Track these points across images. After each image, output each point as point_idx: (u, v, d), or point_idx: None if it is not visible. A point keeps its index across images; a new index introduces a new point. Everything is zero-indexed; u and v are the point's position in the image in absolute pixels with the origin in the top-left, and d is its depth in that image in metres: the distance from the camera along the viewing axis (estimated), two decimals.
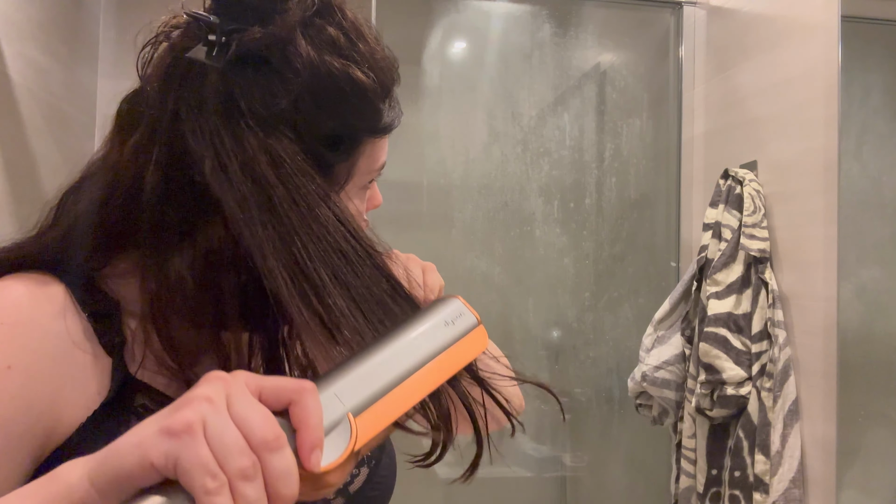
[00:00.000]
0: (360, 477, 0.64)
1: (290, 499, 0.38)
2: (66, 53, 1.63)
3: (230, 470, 0.37)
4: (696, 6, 2.03)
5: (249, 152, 0.52)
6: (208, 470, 0.36)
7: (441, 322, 0.49)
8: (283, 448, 0.38)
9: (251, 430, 0.38)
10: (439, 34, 2.05)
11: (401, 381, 0.45)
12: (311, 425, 0.40)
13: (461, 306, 0.51)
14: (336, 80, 0.55)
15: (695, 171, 2.02)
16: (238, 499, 0.37)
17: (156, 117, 0.54)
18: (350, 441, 0.41)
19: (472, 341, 0.49)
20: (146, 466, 0.37)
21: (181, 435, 0.37)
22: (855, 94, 1.50)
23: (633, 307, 2.07)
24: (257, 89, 0.53)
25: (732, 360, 1.57)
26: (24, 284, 0.55)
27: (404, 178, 2.00)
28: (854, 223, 1.47)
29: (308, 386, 0.41)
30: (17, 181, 1.39)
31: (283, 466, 0.38)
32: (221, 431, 0.38)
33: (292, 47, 0.54)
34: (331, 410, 0.42)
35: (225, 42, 0.53)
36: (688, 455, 1.73)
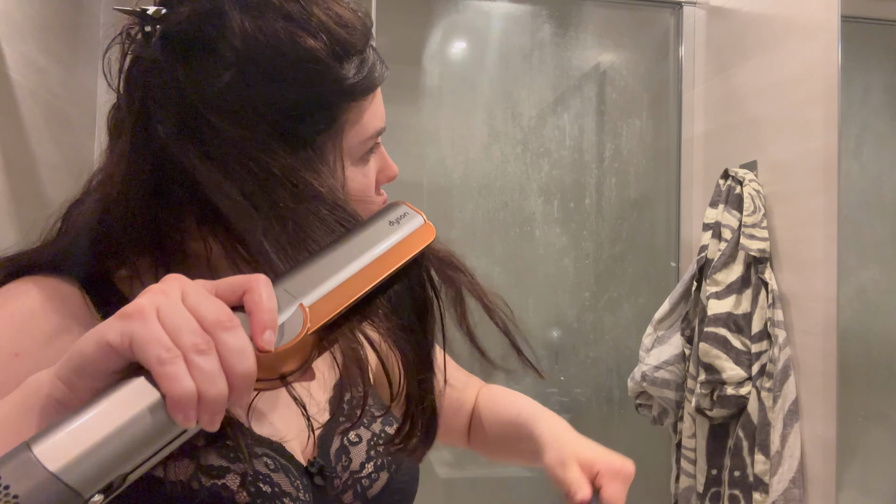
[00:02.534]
0: (380, 482, 0.64)
1: (247, 374, 0.39)
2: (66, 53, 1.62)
3: (184, 345, 0.38)
4: (696, 6, 2.03)
5: (203, 141, 0.52)
6: (162, 343, 0.38)
7: (385, 223, 0.51)
8: (236, 328, 0.39)
9: (204, 316, 0.39)
10: (439, 34, 2.05)
11: (348, 274, 0.47)
12: (262, 308, 0.41)
13: (405, 208, 0.53)
14: (278, 48, 0.52)
15: (695, 171, 2.02)
16: (194, 370, 0.37)
17: (130, 123, 0.54)
18: (303, 326, 0.43)
19: (418, 236, 0.51)
20: (103, 346, 0.38)
21: (135, 315, 0.38)
22: (855, 94, 1.50)
23: (633, 307, 2.07)
24: (199, 72, 0.52)
25: (732, 360, 1.57)
26: (37, 285, 0.55)
27: (404, 178, 1.99)
28: (854, 223, 1.47)
29: (258, 276, 0.42)
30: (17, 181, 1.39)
31: (237, 343, 0.39)
32: (174, 315, 0.39)
33: (224, 19, 0.52)
34: (283, 303, 0.44)
35: (154, 30, 0.52)
36: (688, 455, 1.73)
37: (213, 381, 0.38)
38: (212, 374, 0.38)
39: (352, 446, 0.64)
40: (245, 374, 0.39)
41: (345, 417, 0.65)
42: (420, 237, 0.52)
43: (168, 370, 0.37)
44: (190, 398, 0.37)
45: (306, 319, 0.44)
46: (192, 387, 0.37)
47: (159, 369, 0.37)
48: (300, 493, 0.58)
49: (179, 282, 0.41)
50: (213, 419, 0.38)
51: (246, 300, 0.42)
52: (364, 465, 0.63)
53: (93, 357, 0.38)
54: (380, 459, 0.64)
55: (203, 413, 0.38)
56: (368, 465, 0.63)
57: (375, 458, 0.64)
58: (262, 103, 0.52)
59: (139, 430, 0.37)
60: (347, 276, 0.47)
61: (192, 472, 0.53)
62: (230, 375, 0.38)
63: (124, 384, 0.38)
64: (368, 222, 0.52)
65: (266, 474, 0.56)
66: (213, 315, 0.39)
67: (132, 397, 0.38)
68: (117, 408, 0.38)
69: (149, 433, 0.38)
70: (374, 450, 0.64)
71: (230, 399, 0.39)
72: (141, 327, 0.38)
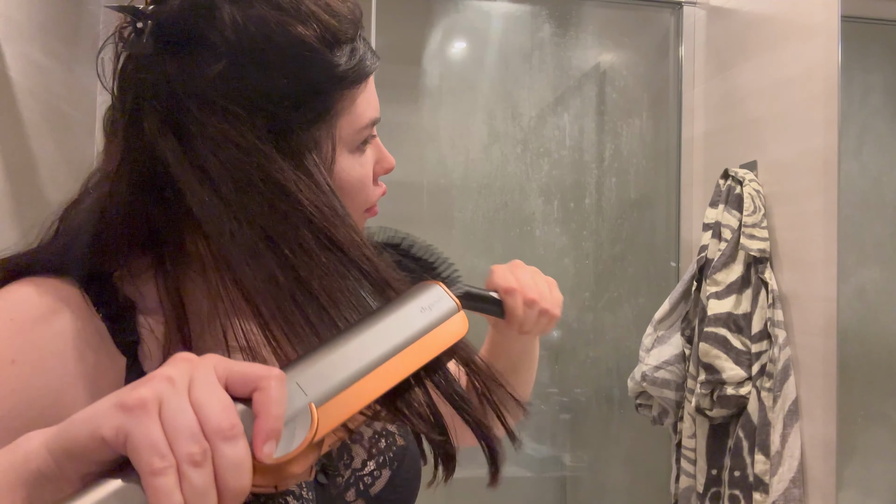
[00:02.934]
0: (382, 479, 0.64)
1: (238, 491, 0.37)
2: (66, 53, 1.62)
3: (179, 453, 0.36)
4: (696, 6, 2.03)
5: (193, 138, 0.52)
6: (157, 450, 0.36)
7: (417, 308, 0.47)
8: (236, 438, 0.38)
9: (207, 417, 0.37)
10: (439, 34, 2.05)
11: (368, 370, 0.43)
12: (270, 414, 0.39)
13: (440, 292, 0.48)
14: (269, 37, 0.52)
15: (695, 171, 2.02)
16: (184, 484, 0.36)
17: (123, 121, 0.54)
18: (309, 433, 0.40)
19: (449, 328, 0.47)
20: (97, 439, 0.36)
21: (134, 410, 0.36)
22: (855, 94, 1.50)
23: (633, 307, 2.07)
24: (190, 66, 0.52)
25: (732, 360, 1.57)
26: (35, 286, 0.55)
27: (404, 178, 2.00)
28: (854, 223, 1.47)
29: (275, 374, 0.40)
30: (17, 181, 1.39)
31: (234, 457, 0.37)
32: (176, 413, 0.37)
33: (215, 12, 0.52)
34: (293, 400, 0.41)
35: (146, 25, 0.52)
36: (688, 455, 1.73)
37: (202, 497, 0.36)
38: (203, 490, 0.36)
39: (353, 444, 0.64)
40: (237, 491, 0.37)
41: None
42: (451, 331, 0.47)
43: (158, 483, 0.35)
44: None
45: (314, 424, 0.40)
46: (180, 501, 0.36)
47: (150, 480, 0.35)
48: (304, 490, 0.58)
49: (188, 365, 0.39)
50: None
51: (255, 399, 0.39)
52: (366, 463, 0.63)
53: (84, 445, 0.37)
54: (381, 457, 0.64)
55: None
56: (370, 463, 0.63)
57: (377, 455, 0.64)
58: (254, 93, 0.53)
59: None
60: (367, 371, 0.43)
61: None
62: (222, 490, 0.37)
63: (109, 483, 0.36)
64: (399, 303, 0.47)
65: None
66: (216, 419, 0.37)
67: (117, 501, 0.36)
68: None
69: None
70: (376, 447, 0.64)
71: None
72: (138, 427, 0.36)
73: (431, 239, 0.72)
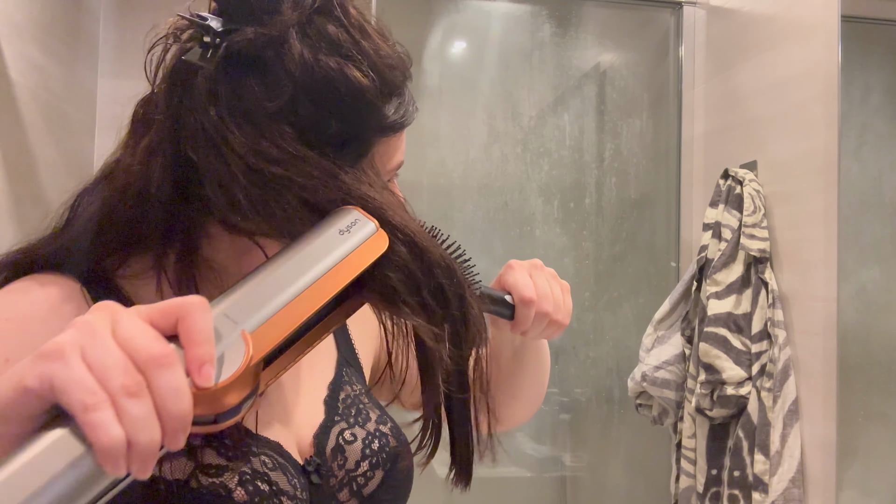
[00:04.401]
0: (375, 480, 0.64)
1: (180, 417, 0.36)
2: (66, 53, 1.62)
3: (112, 388, 0.35)
4: (696, 6, 2.03)
5: (238, 156, 0.52)
6: (85, 385, 0.35)
7: (335, 231, 0.48)
8: (171, 365, 0.36)
9: (136, 349, 0.36)
10: (439, 34, 2.05)
11: (295, 294, 0.44)
12: (197, 340, 0.38)
13: (357, 214, 0.50)
14: (332, 81, 0.54)
15: (695, 171, 2.02)
16: (123, 416, 0.34)
17: (163, 121, 0.55)
18: (245, 356, 0.40)
19: (370, 247, 0.48)
20: (21, 391, 0.35)
21: (53, 356, 0.35)
22: (855, 94, 1.50)
23: (633, 307, 2.07)
24: (250, 91, 0.53)
25: (732, 360, 1.57)
26: (38, 284, 0.55)
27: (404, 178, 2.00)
28: (854, 223, 1.48)
29: (194, 300, 0.39)
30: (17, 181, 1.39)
31: (170, 382, 0.36)
32: (100, 352, 0.36)
33: (286, 47, 0.53)
34: (225, 330, 0.40)
35: (217, 44, 0.53)
36: (688, 455, 1.73)
37: (144, 426, 0.35)
38: (143, 419, 0.35)
39: (347, 445, 0.64)
40: (180, 416, 0.36)
41: (340, 416, 0.65)
42: (372, 248, 0.49)
43: (93, 417, 0.34)
44: (119, 447, 0.34)
45: (248, 349, 0.40)
46: (121, 434, 0.34)
47: (84, 417, 0.34)
48: (297, 491, 0.58)
49: (109, 311, 0.38)
50: (144, 467, 0.36)
51: (180, 329, 0.39)
52: (359, 464, 0.64)
53: (11, 402, 0.35)
54: (375, 458, 0.65)
55: (133, 461, 0.35)
56: (364, 464, 0.64)
57: (370, 456, 0.64)
58: (305, 128, 0.54)
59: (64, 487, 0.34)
60: (293, 295, 0.44)
61: (191, 471, 0.53)
62: (164, 418, 0.36)
63: (45, 435, 0.35)
64: (316, 231, 0.49)
65: (264, 473, 0.56)
66: (146, 350, 0.36)
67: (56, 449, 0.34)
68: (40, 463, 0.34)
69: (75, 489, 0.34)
70: (370, 448, 0.65)
71: (164, 443, 0.36)
72: (62, 369, 0.35)
73: None
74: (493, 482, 2.07)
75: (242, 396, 0.41)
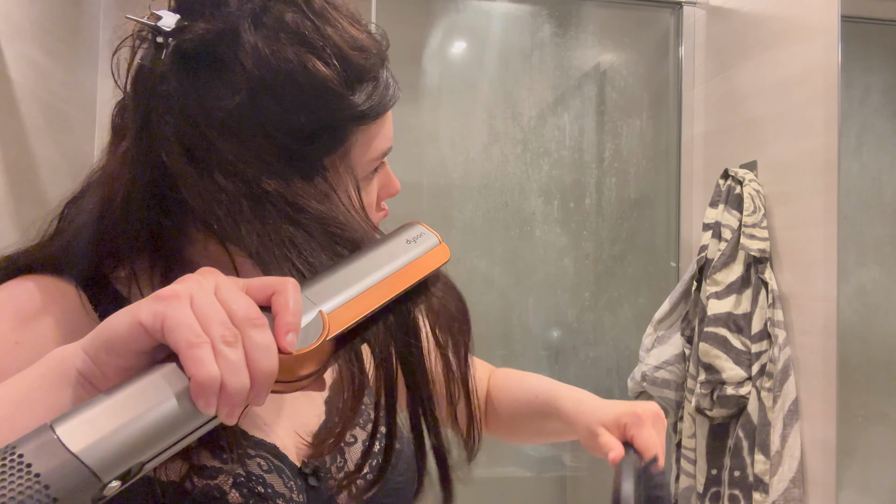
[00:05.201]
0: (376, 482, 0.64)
1: (268, 372, 0.40)
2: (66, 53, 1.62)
3: (213, 334, 0.39)
4: (696, 6, 2.03)
5: (203, 157, 0.52)
6: (192, 328, 0.39)
7: (402, 241, 0.54)
8: (263, 326, 0.41)
9: (234, 310, 0.40)
10: (439, 34, 2.05)
11: (368, 286, 0.50)
12: (289, 310, 0.42)
13: (422, 228, 0.56)
14: (291, 73, 0.52)
15: (695, 171, 2.02)
16: (220, 359, 0.38)
17: (133, 126, 0.54)
18: (324, 330, 0.45)
19: (434, 256, 0.54)
20: (135, 325, 0.39)
21: (169, 299, 0.39)
22: (855, 94, 1.50)
23: (633, 307, 2.07)
24: (207, 90, 0.52)
25: (732, 359, 1.57)
26: (35, 283, 0.55)
27: (404, 178, 1.98)
28: (854, 223, 1.47)
29: (289, 280, 0.44)
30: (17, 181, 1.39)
31: (263, 340, 0.40)
32: (206, 304, 0.40)
33: (238, 40, 0.51)
34: (305, 308, 0.45)
35: (167, 43, 0.51)
36: (688, 455, 1.73)
37: (237, 371, 0.39)
38: (236, 364, 0.39)
39: (347, 447, 0.63)
40: (267, 370, 0.40)
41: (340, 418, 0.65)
42: (435, 257, 0.54)
43: (195, 353, 0.38)
44: (213, 383, 0.38)
45: (325, 326, 0.45)
46: (217, 372, 0.38)
47: (187, 352, 0.38)
48: (294, 493, 0.57)
49: (213, 275, 0.43)
50: (232, 411, 0.39)
51: (274, 301, 0.43)
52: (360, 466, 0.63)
53: (124, 335, 0.39)
54: (374, 461, 0.64)
55: (223, 403, 0.39)
56: (364, 466, 0.63)
57: (371, 458, 0.63)
58: (270, 124, 0.52)
59: (161, 418, 0.38)
60: (365, 288, 0.49)
61: (185, 473, 0.53)
62: (253, 370, 0.39)
63: (151, 372, 0.39)
64: (386, 239, 0.54)
65: (259, 475, 0.56)
66: (243, 310, 0.41)
67: (157, 385, 0.39)
68: (141, 394, 0.39)
69: (170, 421, 0.38)
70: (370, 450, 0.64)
71: (250, 394, 0.39)
72: (174, 310, 0.39)
73: None
74: (493, 482, 2.07)
75: (315, 368, 0.47)
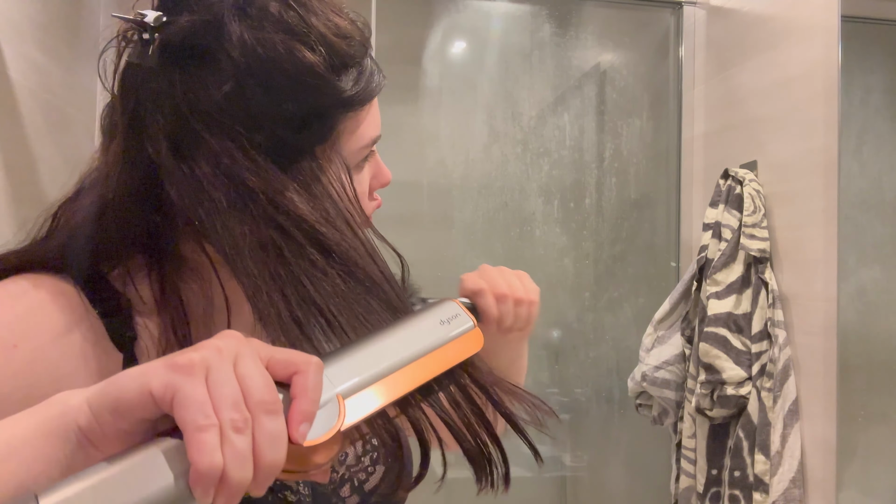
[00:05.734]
0: (376, 475, 0.64)
1: (274, 464, 0.38)
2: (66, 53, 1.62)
3: (223, 417, 0.37)
4: (696, 6, 2.03)
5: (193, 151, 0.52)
6: (203, 408, 0.36)
7: (436, 321, 0.50)
8: (277, 413, 0.39)
9: (250, 389, 0.38)
10: (439, 34, 2.05)
11: (392, 370, 0.46)
12: (308, 397, 0.40)
13: (457, 309, 0.52)
14: (277, 60, 0.52)
15: (695, 171, 2.02)
16: (226, 447, 0.36)
17: (123, 125, 0.54)
18: (338, 420, 0.42)
19: (466, 342, 0.51)
20: (145, 394, 0.37)
21: (185, 370, 0.37)
22: (855, 94, 1.50)
23: (633, 307, 2.07)
24: (195, 82, 0.52)
25: (732, 360, 1.57)
26: (32, 282, 0.55)
27: (404, 178, 2.00)
28: (854, 223, 1.47)
29: (315, 360, 0.42)
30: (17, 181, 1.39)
31: (274, 430, 0.38)
32: (222, 380, 0.38)
33: (223, 31, 0.52)
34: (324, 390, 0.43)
35: (153, 39, 0.51)
36: (688, 455, 1.73)
37: (241, 462, 0.37)
38: (242, 455, 0.37)
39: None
40: (273, 464, 0.38)
41: None
42: (468, 343, 0.51)
43: (202, 438, 0.36)
44: (215, 473, 0.36)
45: (341, 415, 0.43)
46: (220, 463, 0.36)
47: (193, 435, 0.36)
48: (300, 486, 0.58)
49: (235, 342, 0.40)
50: (229, 502, 0.37)
51: (295, 382, 0.41)
52: (360, 459, 0.64)
53: (130, 401, 0.37)
54: (375, 453, 0.65)
55: (221, 493, 0.36)
56: (364, 459, 0.64)
57: (371, 451, 0.64)
58: (257, 113, 0.53)
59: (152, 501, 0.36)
60: (389, 373, 0.46)
61: None
62: (258, 461, 0.38)
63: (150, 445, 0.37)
64: (419, 316, 0.51)
65: None
66: (259, 393, 0.38)
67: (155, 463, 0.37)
68: (137, 472, 0.36)
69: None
70: (370, 443, 0.65)
71: (251, 486, 0.38)
72: (187, 385, 0.37)
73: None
74: None
75: (326, 458, 0.43)
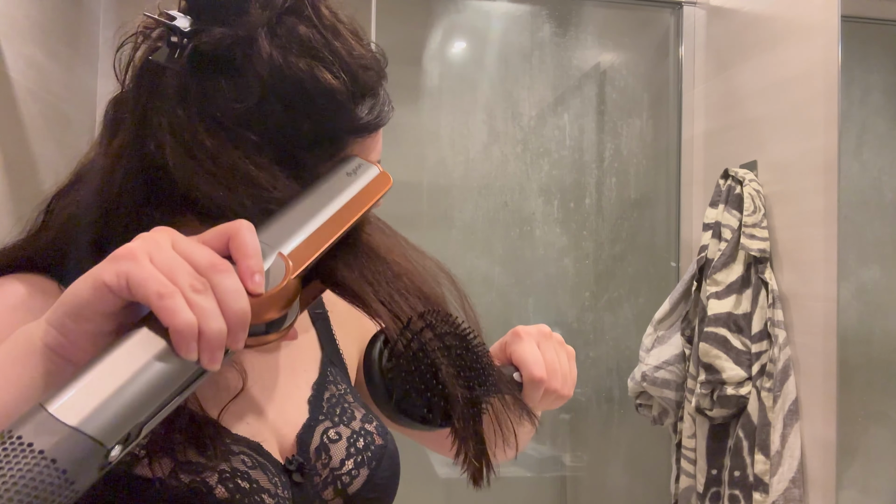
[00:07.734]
0: (360, 478, 0.64)
1: (242, 313, 0.41)
2: (66, 53, 1.62)
3: (181, 283, 0.39)
4: (696, 6, 2.03)
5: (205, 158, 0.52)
6: (159, 280, 0.39)
7: (343, 174, 0.55)
8: (229, 271, 0.41)
9: (196, 260, 0.41)
10: (439, 34, 2.05)
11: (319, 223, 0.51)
12: (248, 253, 0.43)
13: (359, 160, 0.58)
14: (302, 82, 0.54)
15: (695, 171, 2.02)
16: (194, 307, 0.39)
17: (131, 120, 0.55)
18: (286, 272, 0.46)
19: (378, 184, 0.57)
20: (99, 287, 0.39)
21: (129, 256, 0.40)
22: (855, 94, 1.50)
23: (633, 307, 2.07)
24: (218, 92, 0.53)
25: (732, 360, 1.57)
26: (20, 282, 0.55)
27: (404, 178, 2.00)
28: (854, 223, 1.48)
29: (242, 221, 0.44)
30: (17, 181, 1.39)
31: (231, 285, 0.41)
32: (167, 258, 0.40)
33: (254, 48, 0.53)
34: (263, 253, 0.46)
35: (184, 44, 0.52)
36: (688, 455, 1.73)
37: (212, 317, 0.39)
38: (210, 310, 0.39)
39: (331, 444, 0.64)
40: (241, 312, 0.40)
41: (324, 416, 0.65)
42: (379, 185, 0.56)
43: (169, 303, 0.38)
44: (192, 329, 0.38)
45: (288, 266, 0.46)
46: (193, 319, 0.38)
47: (160, 303, 0.38)
48: (279, 489, 0.58)
49: (167, 232, 0.43)
50: (213, 356, 0.40)
51: (231, 246, 0.43)
52: (344, 462, 0.64)
53: (89, 299, 0.39)
54: (360, 456, 0.65)
55: (204, 348, 0.39)
56: (348, 462, 0.64)
57: (355, 455, 0.65)
58: (273, 129, 0.54)
59: (148, 376, 0.39)
60: (319, 224, 0.51)
61: (171, 469, 0.53)
62: (227, 314, 0.40)
63: (125, 338, 0.40)
64: (327, 175, 0.55)
65: (244, 471, 0.56)
66: (206, 259, 0.41)
67: (136, 347, 0.39)
68: (123, 359, 0.39)
69: (157, 378, 0.39)
70: (354, 447, 0.65)
71: (228, 338, 0.40)
72: (136, 266, 0.39)
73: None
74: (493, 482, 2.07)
75: (287, 308, 0.47)
